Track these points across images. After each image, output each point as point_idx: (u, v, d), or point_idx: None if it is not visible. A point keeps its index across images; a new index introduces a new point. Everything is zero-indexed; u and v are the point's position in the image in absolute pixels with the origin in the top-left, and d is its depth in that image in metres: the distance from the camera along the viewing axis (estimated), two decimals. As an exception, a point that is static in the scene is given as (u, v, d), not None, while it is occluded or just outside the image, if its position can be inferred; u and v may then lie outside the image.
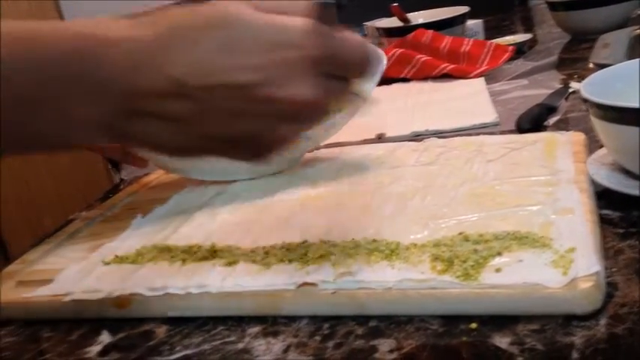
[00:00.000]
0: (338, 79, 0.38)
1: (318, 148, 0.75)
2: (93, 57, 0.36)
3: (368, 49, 0.39)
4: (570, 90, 0.82)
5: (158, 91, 0.36)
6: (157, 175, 0.76)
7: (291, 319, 0.44)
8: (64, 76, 0.37)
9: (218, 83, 0.35)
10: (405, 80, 1.04)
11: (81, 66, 0.36)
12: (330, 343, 0.40)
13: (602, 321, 0.38)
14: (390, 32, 1.23)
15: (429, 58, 1.03)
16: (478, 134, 0.72)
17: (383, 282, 0.43)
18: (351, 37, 0.38)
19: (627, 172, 0.51)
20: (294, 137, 0.39)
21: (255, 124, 0.37)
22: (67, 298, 0.49)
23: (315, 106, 0.37)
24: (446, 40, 1.08)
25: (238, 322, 0.45)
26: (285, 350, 0.41)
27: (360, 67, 0.39)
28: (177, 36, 0.36)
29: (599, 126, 0.51)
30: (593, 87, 0.52)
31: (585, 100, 0.50)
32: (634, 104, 0.46)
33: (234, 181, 0.67)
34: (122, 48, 0.36)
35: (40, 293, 0.51)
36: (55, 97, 0.37)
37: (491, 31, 1.29)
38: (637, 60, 0.58)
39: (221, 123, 0.37)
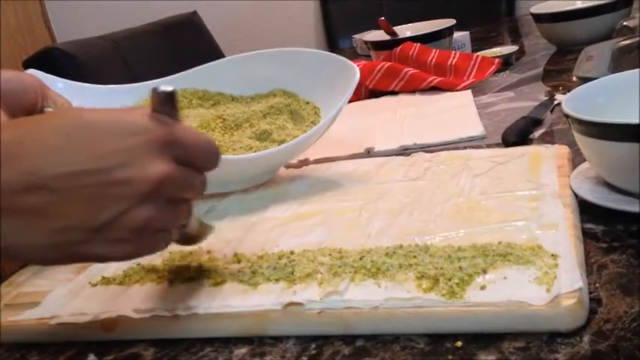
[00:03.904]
0: (188, 165, 0.40)
1: (307, 164, 0.76)
2: None
3: (209, 139, 0.42)
4: (555, 102, 0.82)
5: (14, 186, 0.36)
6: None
7: (278, 340, 0.44)
8: None
9: (72, 170, 0.37)
10: (393, 93, 1.05)
11: None
12: (317, 364, 0.41)
13: (586, 338, 0.38)
14: (377, 45, 1.24)
15: (416, 71, 1.04)
16: (465, 147, 0.73)
17: (369, 301, 0.43)
18: (190, 128, 0.42)
19: (610, 186, 0.52)
20: (166, 219, 0.40)
21: (115, 207, 0.38)
22: (54, 321, 0.49)
23: (168, 182, 0.39)
24: (433, 53, 1.09)
25: (225, 343, 0.44)
26: (272, 371, 0.41)
27: (204, 154, 0.41)
28: (33, 136, 0.37)
29: (582, 141, 0.51)
30: (575, 102, 0.53)
31: (567, 116, 0.51)
32: (614, 119, 0.47)
33: (226, 195, 0.67)
34: None
35: (27, 317, 0.50)
36: None
37: (479, 43, 1.31)
38: (619, 74, 0.59)
39: (81, 211, 0.37)
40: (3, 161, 0.36)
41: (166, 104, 0.40)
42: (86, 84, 0.73)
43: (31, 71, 0.60)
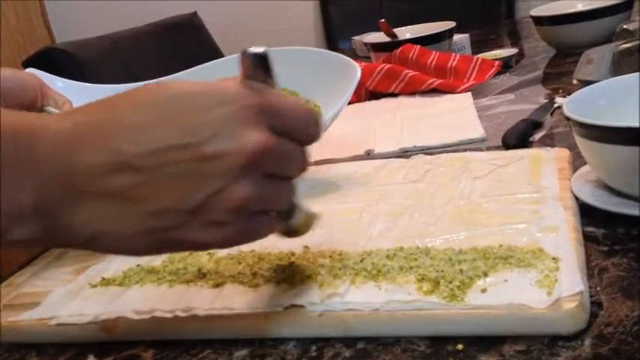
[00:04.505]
0: (286, 136, 0.36)
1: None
2: (28, 136, 0.34)
3: (308, 107, 0.38)
4: (555, 105, 0.82)
5: (100, 166, 0.34)
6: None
7: (279, 342, 0.44)
8: None
9: (158, 147, 0.34)
10: (393, 95, 1.04)
11: (15, 143, 0.34)
12: (318, 366, 0.40)
13: (587, 341, 0.38)
14: (377, 47, 1.24)
15: (416, 73, 1.04)
16: (465, 150, 0.73)
17: (370, 303, 0.43)
18: (287, 95, 0.37)
19: (611, 189, 0.52)
20: (266, 198, 0.36)
21: (209, 185, 0.34)
22: (53, 322, 0.49)
23: (266, 153, 0.35)
24: (433, 56, 1.09)
25: (225, 345, 0.44)
26: (273, 374, 0.41)
27: (303, 124, 0.37)
28: (113, 114, 0.35)
29: (583, 144, 0.51)
30: (576, 105, 0.53)
31: (568, 119, 0.51)
32: (616, 123, 0.47)
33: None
34: (60, 128, 0.34)
35: (27, 317, 0.50)
36: None
37: (478, 45, 1.31)
38: (620, 78, 0.59)
39: (173, 192, 0.34)
40: (84, 143, 0.34)
41: (258, 68, 0.36)
42: (86, 83, 0.73)
43: (31, 70, 0.60)
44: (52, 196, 0.34)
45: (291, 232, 0.43)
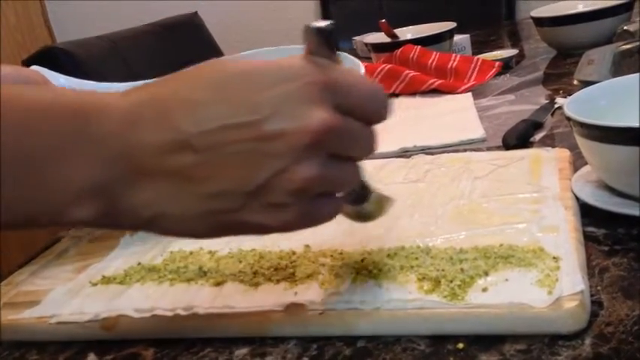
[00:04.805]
0: (352, 115, 0.35)
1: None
2: (88, 115, 0.34)
3: (376, 84, 0.36)
4: (556, 106, 0.82)
5: (160, 146, 0.33)
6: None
7: (279, 340, 0.44)
8: (56, 132, 0.33)
9: (218, 126, 0.33)
10: (393, 95, 1.04)
11: (76, 122, 0.33)
12: (318, 365, 0.40)
13: (588, 340, 0.38)
14: (378, 48, 1.24)
15: (417, 73, 1.04)
16: (465, 150, 0.73)
17: (371, 302, 0.43)
18: (353, 71, 0.36)
19: (612, 190, 0.52)
20: (330, 180, 0.35)
21: (270, 165, 0.33)
22: (54, 320, 0.49)
23: (330, 132, 0.33)
24: (433, 56, 1.09)
25: (226, 343, 0.44)
26: (273, 372, 0.41)
27: (370, 102, 0.36)
28: (172, 92, 0.34)
29: (583, 144, 0.51)
30: (577, 105, 0.53)
31: (569, 119, 0.51)
32: (617, 123, 0.47)
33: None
34: (120, 107, 0.34)
35: (27, 315, 0.50)
36: (46, 156, 0.33)
37: (479, 46, 1.31)
38: (621, 78, 0.59)
39: (233, 172, 0.33)
40: (143, 121, 0.33)
41: (323, 44, 0.34)
42: (88, 81, 0.72)
43: (35, 68, 0.60)
44: (112, 177, 0.34)
45: (364, 217, 0.42)
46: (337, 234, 0.54)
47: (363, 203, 0.40)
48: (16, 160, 0.33)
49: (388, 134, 0.85)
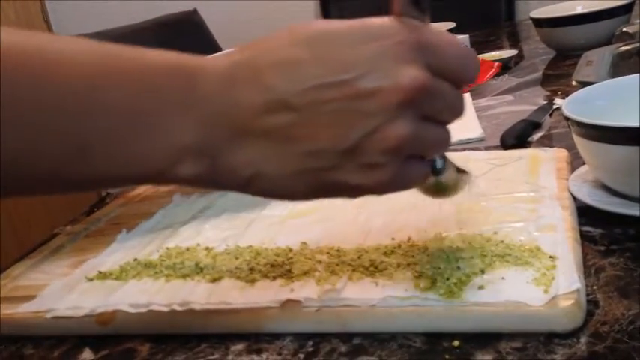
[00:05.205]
0: (442, 76, 0.35)
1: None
2: (189, 75, 0.35)
3: (465, 46, 0.36)
4: (554, 106, 0.83)
5: (258, 105, 0.34)
6: (143, 190, 0.75)
7: (275, 337, 0.43)
8: (167, 88, 0.34)
9: (312, 85, 0.33)
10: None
11: (182, 80, 0.34)
12: (314, 361, 0.40)
13: (583, 339, 0.38)
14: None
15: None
16: (464, 149, 0.73)
17: (367, 299, 0.43)
18: (443, 32, 0.36)
19: (609, 190, 0.52)
20: (422, 140, 0.35)
21: (365, 124, 0.33)
22: (50, 315, 0.49)
23: (422, 90, 0.33)
24: (433, 56, 1.09)
25: (222, 339, 0.44)
26: (269, 368, 0.41)
27: (460, 63, 0.35)
28: (267, 53, 0.34)
29: (581, 144, 0.51)
30: (575, 105, 0.53)
31: (567, 119, 0.51)
32: (614, 123, 0.47)
33: (222, 195, 0.67)
34: (217, 68, 0.35)
35: (23, 309, 0.50)
36: (150, 111, 0.34)
37: (478, 46, 1.30)
38: (619, 79, 0.59)
39: (328, 131, 0.33)
40: (240, 81, 0.34)
41: (413, 4, 0.34)
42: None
43: None
44: (213, 136, 0.34)
45: (440, 191, 0.41)
46: (333, 231, 0.54)
47: (440, 174, 0.40)
48: (130, 115, 0.34)
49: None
